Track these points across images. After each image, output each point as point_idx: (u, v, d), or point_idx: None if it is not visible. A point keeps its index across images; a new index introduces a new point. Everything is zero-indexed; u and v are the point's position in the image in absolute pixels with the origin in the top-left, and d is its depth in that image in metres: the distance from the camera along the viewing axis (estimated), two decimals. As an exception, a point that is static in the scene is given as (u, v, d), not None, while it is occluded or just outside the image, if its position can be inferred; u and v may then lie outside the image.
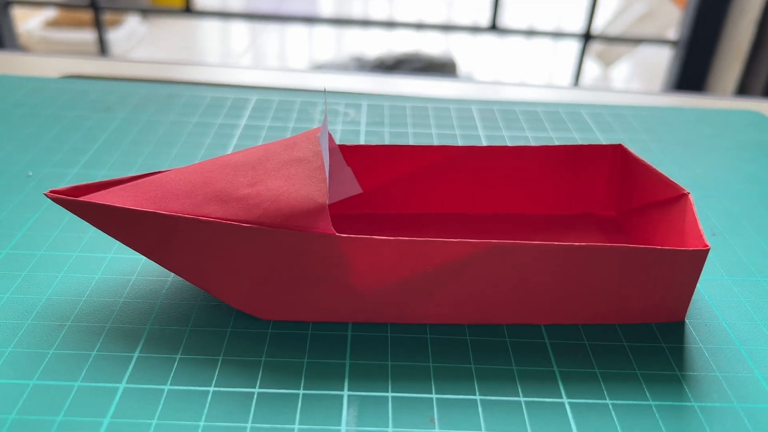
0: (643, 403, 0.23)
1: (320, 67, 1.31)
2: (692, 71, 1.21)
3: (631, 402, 0.23)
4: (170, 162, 0.36)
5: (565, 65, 2.08)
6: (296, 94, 0.46)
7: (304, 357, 0.24)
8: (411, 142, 0.40)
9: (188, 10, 1.32)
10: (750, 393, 0.23)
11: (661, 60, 1.74)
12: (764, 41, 1.05)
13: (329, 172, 0.31)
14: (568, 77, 1.97)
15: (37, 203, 0.32)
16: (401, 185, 0.32)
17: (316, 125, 0.41)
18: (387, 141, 0.40)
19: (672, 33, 1.69)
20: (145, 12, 2.01)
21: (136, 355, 0.23)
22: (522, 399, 0.23)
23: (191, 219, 0.24)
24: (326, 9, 2.57)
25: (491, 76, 1.98)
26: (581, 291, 0.25)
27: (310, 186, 0.25)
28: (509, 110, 0.45)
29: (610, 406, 0.22)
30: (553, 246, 0.24)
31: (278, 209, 0.24)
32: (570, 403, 0.22)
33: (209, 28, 2.33)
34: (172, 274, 0.28)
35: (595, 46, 1.87)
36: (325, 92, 0.27)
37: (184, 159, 0.37)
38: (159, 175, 0.27)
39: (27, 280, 0.27)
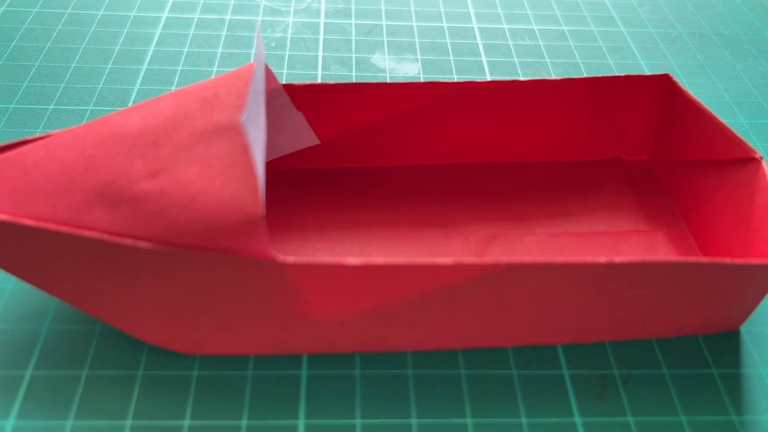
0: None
1: None
2: None
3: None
4: (64, 84, 0.27)
5: None
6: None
7: (243, 416, 0.18)
8: (385, 39, 0.31)
9: None
10: (828, 449, 0.18)
11: None
12: None
13: (272, 121, 0.23)
14: None
15: None
16: (374, 132, 0.24)
17: (259, 14, 0.32)
18: (354, 38, 0.31)
19: None
20: None
21: (11, 422, 0.17)
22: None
23: (66, 234, 0.17)
24: None
25: None
26: (615, 310, 0.19)
27: (237, 181, 0.17)
28: (509, -12, 0.36)
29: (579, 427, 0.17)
30: (589, 265, 0.17)
31: (190, 220, 0.16)
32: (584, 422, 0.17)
33: None
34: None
35: None
36: (257, 29, 0.18)
37: (84, 79, 0.28)
38: (25, 148, 0.19)
39: None
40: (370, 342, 0.19)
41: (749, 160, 0.21)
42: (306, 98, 0.23)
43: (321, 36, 0.31)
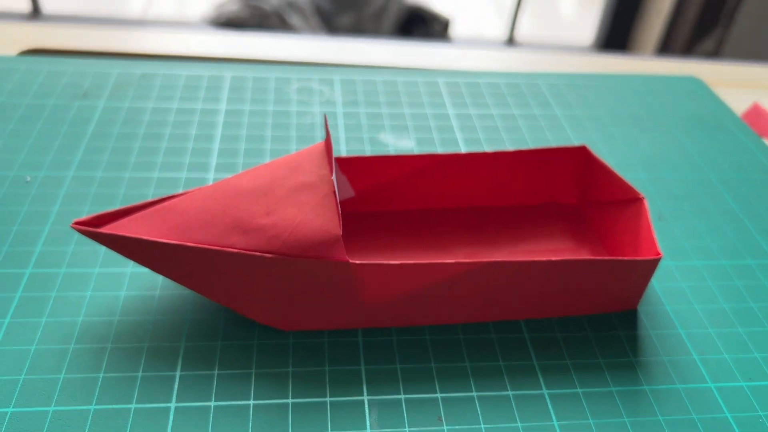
0: (605, 389, 0.28)
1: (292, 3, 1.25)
2: (619, 26, 1.23)
3: (597, 389, 0.28)
4: (161, 158, 0.38)
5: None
6: (270, 69, 0.47)
7: (325, 365, 0.28)
8: (386, 123, 0.43)
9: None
10: (689, 374, 0.29)
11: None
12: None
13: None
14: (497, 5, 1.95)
15: (42, 214, 0.34)
16: (389, 187, 0.35)
17: (293, 106, 0.43)
18: (364, 122, 0.43)
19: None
20: None
21: (178, 373, 0.27)
22: (510, 393, 0.27)
23: (217, 251, 0.27)
24: None
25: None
26: (555, 292, 0.30)
27: (323, 216, 0.28)
28: (473, 83, 0.48)
29: (581, 395, 0.28)
30: (535, 262, 0.28)
31: (297, 240, 0.27)
32: (549, 394, 0.27)
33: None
34: (192, 287, 0.30)
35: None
36: (326, 120, 0.30)
37: (175, 155, 0.38)
38: (175, 201, 0.29)
39: (59, 301, 0.29)
40: (402, 319, 0.29)
41: (636, 199, 0.32)
42: (346, 166, 0.34)
43: (340, 121, 0.43)
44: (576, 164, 0.36)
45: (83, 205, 0.34)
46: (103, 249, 0.32)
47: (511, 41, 1.58)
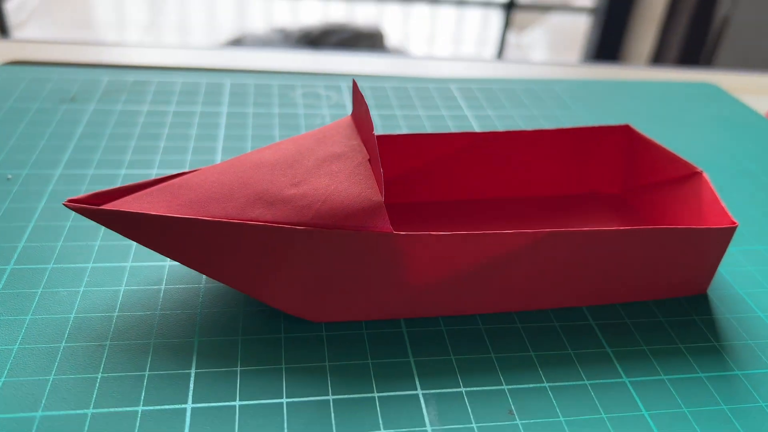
0: (693, 376, 0.24)
1: (240, 41, 1.26)
2: (609, 38, 1.26)
3: (683, 376, 0.24)
4: (161, 156, 0.34)
5: (471, 31, 2.11)
6: (272, 77, 0.44)
7: (368, 358, 0.23)
8: (401, 124, 0.40)
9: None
10: (782, 357, 0.25)
11: (570, 26, 1.80)
12: (677, 11, 1.11)
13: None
14: (475, 42, 2.00)
15: (27, 211, 0.29)
16: (418, 173, 0.32)
17: (299, 109, 0.40)
18: (377, 123, 0.39)
19: (580, 0, 1.75)
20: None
21: (193, 371, 0.22)
22: (587, 382, 0.23)
23: (239, 224, 0.23)
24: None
25: (420, 46, 1.98)
26: (620, 271, 0.26)
27: (360, 183, 0.24)
28: (486, 88, 0.46)
29: (666, 382, 0.24)
30: (604, 231, 0.24)
31: (332, 209, 0.23)
32: (631, 382, 0.23)
33: (105, -2, 2.18)
34: (204, 280, 0.26)
35: (504, 13, 1.90)
36: (355, 85, 0.27)
37: (174, 153, 0.35)
38: (187, 176, 0.25)
39: (45, 297, 0.25)
40: (451, 306, 0.25)
41: (694, 173, 0.29)
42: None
43: (352, 122, 0.39)
44: (618, 147, 0.33)
45: (73, 201, 0.30)
46: (96, 244, 0.28)
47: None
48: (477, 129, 0.40)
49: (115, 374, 0.22)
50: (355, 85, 0.27)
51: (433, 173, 0.32)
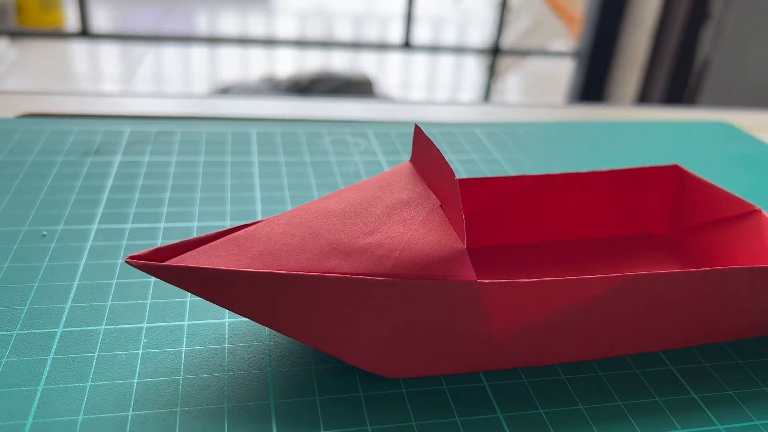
0: (787, 420, 0.23)
1: (229, 90, 1.26)
2: (593, 81, 1.29)
3: (778, 421, 0.23)
4: (199, 208, 0.33)
5: (448, 77, 2.15)
6: (298, 125, 0.44)
7: (455, 416, 0.22)
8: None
9: (84, 33, 1.22)
10: None
11: (547, 72, 1.84)
12: (659, 53, 1.15)
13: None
14: (453, 87, 2.03)
15: (69, 269, 0.28)
16: (468, 219, 0.31)
17: (330, 157, 0.39)
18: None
19: (557, 44, 1.80)
20: (14, 35, 1.85)
21: (275, 436, 0.21)
22: (682, 431, 0.22)
23: (316, 276, 0.22)
24: (203, 28, 2.50)
25: (398, 92, 2.00)
26: (696, 313, 0.25)
27: (438, 230, 0.23)
28: (511, 132, 0.46)
29: (761, 428, 0.23)
30: (687, 272, 0.24)
31: (412, 258, 0.22)
32: (726, 429, 0.23)
33: (79, 49, 2.18)
34: (268, 337, 0.25)
35: (485, 59, 1.94)
36: (418, 129, 0.26)
37: (212, 204, 0.33)
38: (251, 228, 0.24)
39: (103, 362, 0.23)
40: (531, 357, 0.24)
41: (752, 212, 0.29)
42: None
43: (387, 169, 0.39)
44: (666, 187, 0.33)
45: (116, 258, 0.29)
46: (148, 302, 0.26)
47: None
48: (510, 171, 0.40)
49: (192, 443, 0.20)
50: (418, 129, 0.26)
51: (480, 217, 0.31)
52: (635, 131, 0.48)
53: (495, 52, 1.33)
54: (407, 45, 1.32)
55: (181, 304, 0.26)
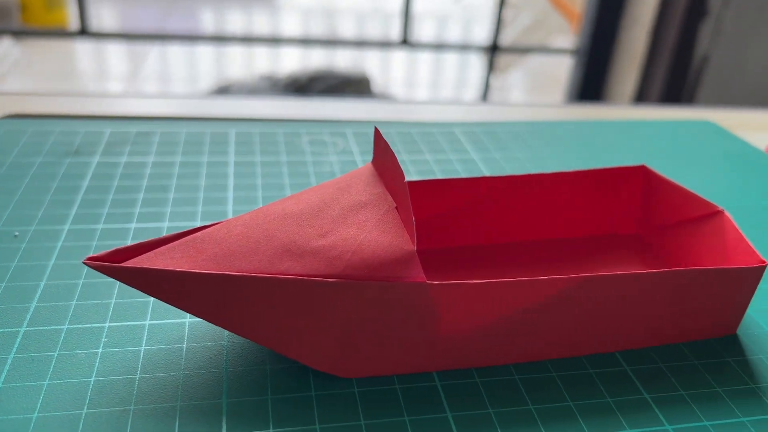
0: (737, 420, 0.23)
1: (227, 89, 1.27)
2: (592, 79, 1.28)
3: (727, 421, 0.23)
4: (171, 209, 0.33)
5: (452, 74, 2.15)
6: (276, 125, 0.44)
7: (404, 415, 0.23)
8: (410, 169, 0.40)
9: (84, 32, 1.23)
10: (822, 398, 0.25)
11: (549, 68, 1.83)
12: (657, 50, 1.14)
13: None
14: (456, 84, 2.03)
15: (37, 269, 0.28)
16: (438, 220, 0.31)
17: (307, 156, 0.40)
18: (386, 170, 0.39)
19: (559, 41, 1.80)
20: (18, 34, 1.86)
21: (224, 435, 0.21)
22: (629, 431, 0.23)
23: (268, 278, 0.22)
24: (209, 26, 2.51)
25: (401, 89, 2.00)
26: (651, 314, 0.26)
27: (390, 232, 0.23)
28: (491, 131, 0.46)
29: (710, 428, 0.23)
30: (641, 274, 0.24)
31: (363, 260, 0.23)
32: (675, 430, 0.23)
33: (85, 48, 2.19)
34: (226, 337, 0.25)
35: (487, 56, 1.94)
36: (378, 132, 0.26)
37: (185, 204, 0.34)
38: (209, 230, 0.25)
39: (62, 361, 0.24)
40: (484, 357, 0.25)
41: (715, 213, 0.29)
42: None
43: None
44: (634, 188, 0.33)
45: (85, 258, 0.29)
46: (112, 302, 0.27)
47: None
48: (485, 172, 0.40)
49: (142, 441, 0.21)
50: (377, 132, 0.26)
51: (449, 219, 0.31)
52: (619, 130, 0.48)
53: (493, 49, 1.33)
54: (405, 42, 1.32)
55: (145, 304, 0.27)
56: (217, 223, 0.25)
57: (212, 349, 0.25)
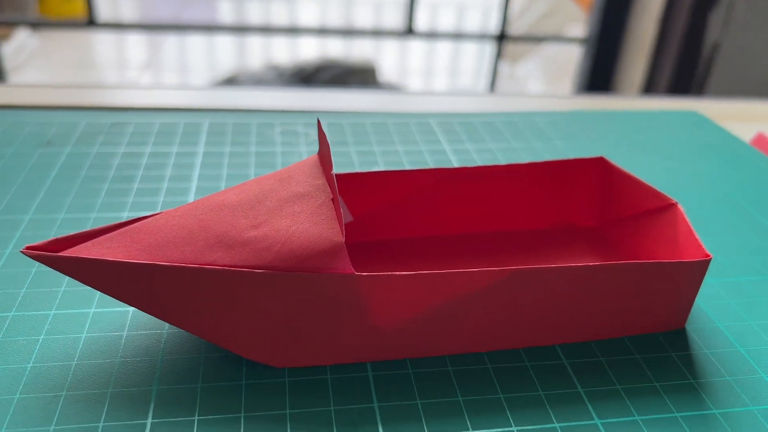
0: (669, 416, 0.23)
1: (234, 79, 1.27)
2: (601, 68, 1.27)
3: (658, 416, 0.23)
4: (133, 199, 0.34)
5: (468, 63, 2.13)
6: (251, 116, 0.44)
7: (330, 405, 0.23)
8: (378, 160, 0.40)
9: (91, 22, 1.25)
10: (761, 394, 0.24)
11: (564, 56, 1.81)
12: (666, 38, 1.12)
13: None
14: (472, 74, 2.02)
15: (-7, 256, 0.29)
16: (389, 210, 0.31)
17: (277, 147, 0.40)
18: (355, 159, 0.39)
19: (573, 29, 1.77)
20: (36, 25, 1.89)
21: (149, 421, 0.22)
22: (557, 425, 0.22)
23: (196, 268, 0.22)
24: (227, 16, 2.52)
25: (405, 79, 1.99)
26: (594, 307, 0.25)
27: (321, 224, 0.24)
28: (467, 123, 0.46)
29: (641, 423, 0.23)
30: (571, 267, 0.24)
31: (292, 251, 0.23)
32: (603, 424, 0.23)
33: (103, 39, 2.22)
34: (167, 326, 0.26)
35: (495, 45, 1.92)
36: (319, 124, 0.26)
37: (147, 195, 0.34)
38: (146, 221, 0.25)
39: (3, 347, 0.24)
40: (418, 348, 0.25)
41: (669, 205, 0.29)
42: (342, 184, 0.30)
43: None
44: (593, 179, 0.32)
45: (40, 246, 0.30)
46: (61, 290, 0.27)
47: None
48: (455, 164, 0.40)
49: (69, 426, 0.21)
50: (319, 124, 0.26)
51: (405, 210, 0.31)
52: (604, 120, 0.47)
53: (501, 38, 1.32)
54: (410, 31, 1.32)
55: (93, 292, 0.27)
56: (158, 214, 0.26)
57: (151, 337, 0.25)
